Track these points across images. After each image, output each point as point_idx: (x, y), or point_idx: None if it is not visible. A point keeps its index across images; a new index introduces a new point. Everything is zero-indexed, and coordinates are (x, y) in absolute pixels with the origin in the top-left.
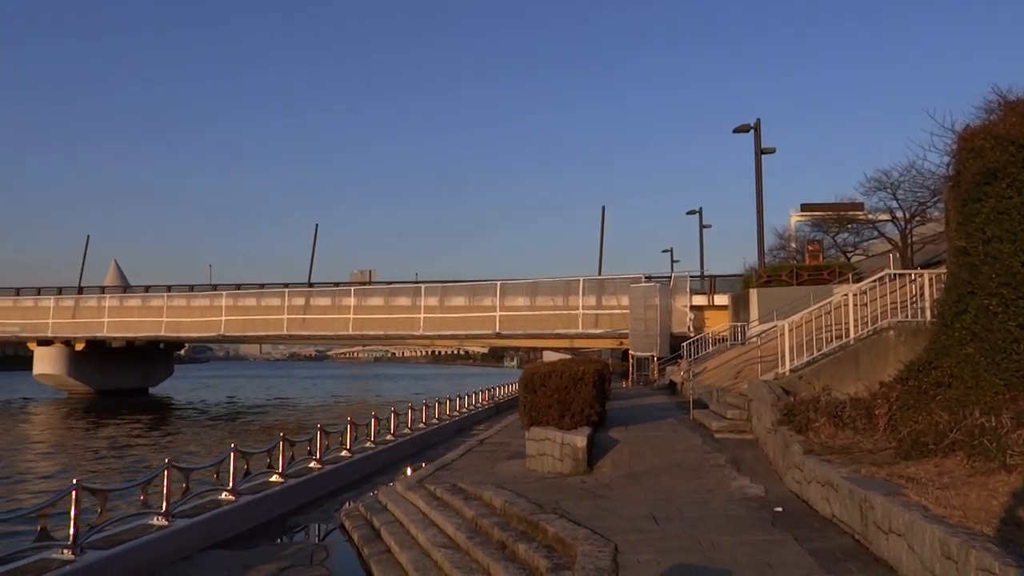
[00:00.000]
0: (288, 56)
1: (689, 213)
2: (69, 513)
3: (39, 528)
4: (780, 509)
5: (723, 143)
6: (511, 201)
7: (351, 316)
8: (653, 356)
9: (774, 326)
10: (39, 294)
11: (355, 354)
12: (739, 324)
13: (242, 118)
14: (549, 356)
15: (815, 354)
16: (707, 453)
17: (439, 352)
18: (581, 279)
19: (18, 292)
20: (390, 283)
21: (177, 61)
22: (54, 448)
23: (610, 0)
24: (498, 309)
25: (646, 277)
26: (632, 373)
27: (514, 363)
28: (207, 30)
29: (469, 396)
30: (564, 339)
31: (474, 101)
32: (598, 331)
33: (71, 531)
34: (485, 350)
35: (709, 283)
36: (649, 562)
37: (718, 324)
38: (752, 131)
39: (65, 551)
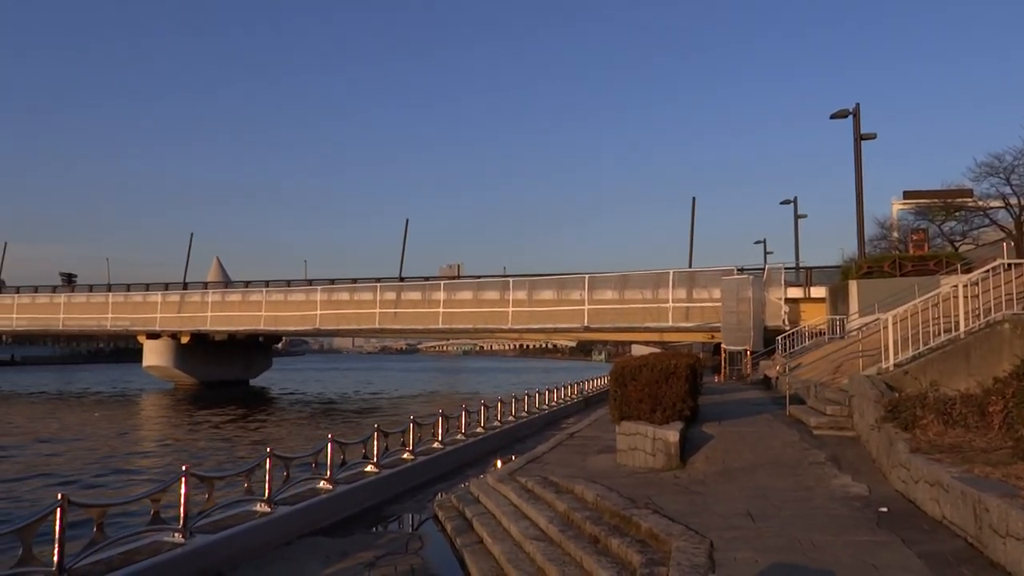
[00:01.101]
0: (377, 54)
1: (783, 203)
2: (179, 498)
3: (152, 512)
4: (885, 509)
5: (819, 131)
6: (599, 195)
7: (441, 310)
8: (746, 350)
9: (876, 319)
10: (147, 290)
11: (444, 347)
12: (837, 317)
13: (337, 116)
14: (638, 350)
15: (921, 348)
16: (805, 450)
17: (527, 346)
18: (671, 272)
19: (128, 288)
20: (479, 277)
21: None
22: (163, 436)
23: None
24: (586, 303)
25: (738, 269)
26: (724, 367)
27: (602, 357)
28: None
29: (558, 390)
30: (653, 333)
31: (563, 95)
32: (688, 325)
33: (181, 516)
34: (573, 344)
35: (805, 275)
36: (746, 560)
37: (814, 317)
38: (851, 117)
39: (176, 535)
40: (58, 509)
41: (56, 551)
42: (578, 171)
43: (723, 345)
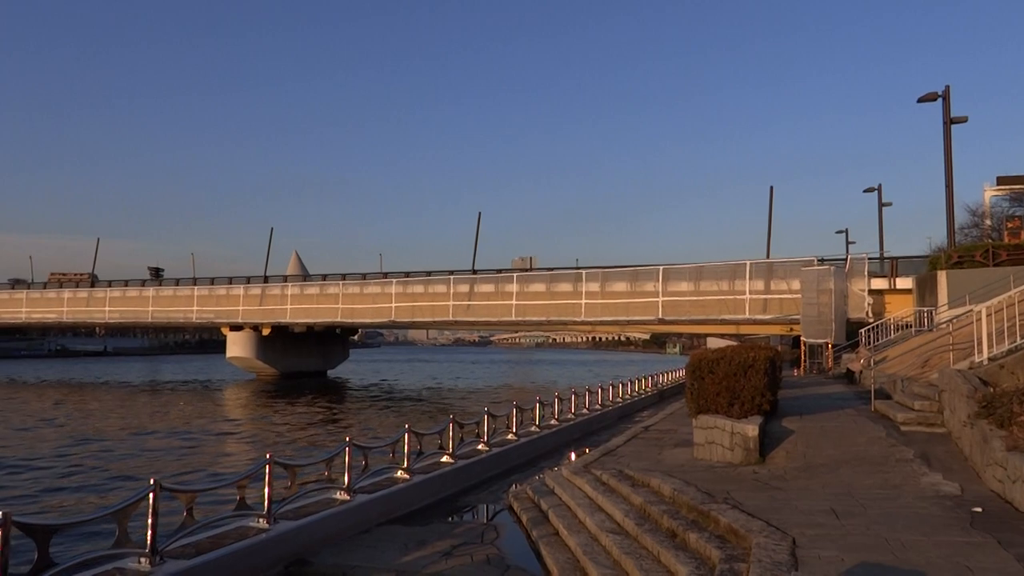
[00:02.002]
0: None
1: (867, 191)
2: (264, 486)
3: (238, 498)
4: (979, 509)
5: (906, 116)
6: (672, 185)
7: (513, 302)
8: (827, 343)
9: (968, 311)
10: (230, 283)
11: (517, 339)
12: (925, 309)
13: (412, 110)
14: (713, 343)
15: (1019, 341)
16: (892, 446)
17: (600, 338)
18: (748, 263)
19: (212, 282)
20: (551, 269)
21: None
22: (246, 425)
23: None
24: (660, 295)
25: (819, 260)
26: (804, 361)
27: (676, 349)
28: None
29: (631, 383)
30: (729, 325)
31: (638, 84)
32: (766, 317)
33: (265, 502)
34: (646, 336)
35: (890, 265)
36: (831, 559)
37: (900, 309)
38: (940, 100)
39: (260, 520)
40: (150, 494)
41: (149, 534)
42: (652, 162)
43: (802, 338)
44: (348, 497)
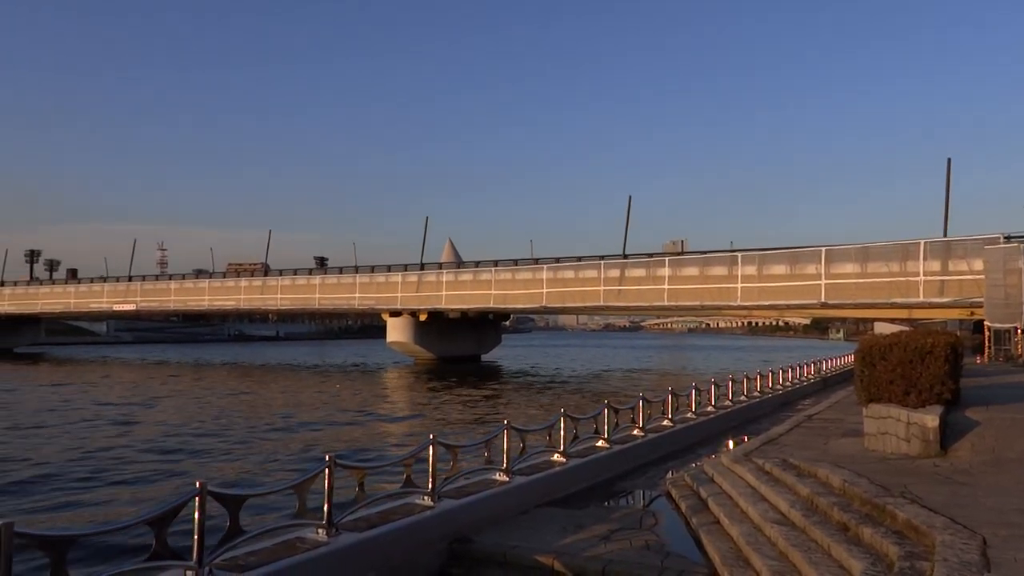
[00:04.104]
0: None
1: None
2: (427, 465)
3: (404, 476)
4: None
5: None
6: (836, 161)
7: (665, 287)
8: (1016, 328)
9: None
10: (389, 271)
11: (668, 324)
12: None
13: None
14: (881, 327)
15: None
16: None
17: (756, 323)
18: (922, 242)
19: (372, 270)
20: (705, 252)
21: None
22: (407, 406)
23: None
24: (823, 277)
25: (1005, 237)
26: (988, 347)
27: (840, 335)
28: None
29: (792, 369)
30: (900, 309)
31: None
32: (943, 300)
33: (430, 480)
34: (806, 321)
35: None
36: None
37: None
38: None
39: (425, 497)
40: (326, 470)
41: (326, 507)
42: (810, 137)
43: (986, 323)
44: (507, 478)
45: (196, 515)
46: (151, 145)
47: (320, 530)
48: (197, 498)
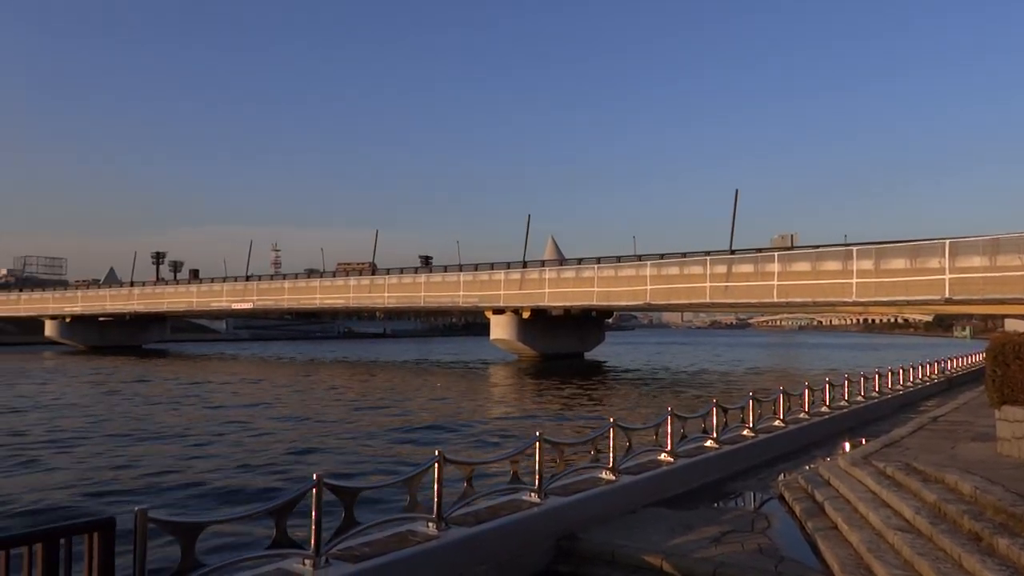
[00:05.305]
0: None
1: None
2: (535, 462)
3: (512, 472)
4: None
5: None
6: (960, 149)
7: (775, 283)
8: None
9: None
10: (492, 269)
11: (778, 322)
12: None
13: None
14: (1013, 324)
15: None
16: None
17: (872, 320)
18: None
19: (476, 268)
20: (816, 247)
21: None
22: (513, 403)
23: None
24: (947, 271)
25: None
26: None
27: (966, 332)
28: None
29: (913, 368)
30: None
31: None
32: None
33: (537, 477)
34: (928, 318)
35: None
36: None
37: None
38: None
39: (532, 494)
40: (435, 464)
41: (436, 500)
42: (930, 122)
43: None
44: (614, 477)
45: (313, 507)
46: (265, 153)
47: (430, 524)
48: (314, 490)
